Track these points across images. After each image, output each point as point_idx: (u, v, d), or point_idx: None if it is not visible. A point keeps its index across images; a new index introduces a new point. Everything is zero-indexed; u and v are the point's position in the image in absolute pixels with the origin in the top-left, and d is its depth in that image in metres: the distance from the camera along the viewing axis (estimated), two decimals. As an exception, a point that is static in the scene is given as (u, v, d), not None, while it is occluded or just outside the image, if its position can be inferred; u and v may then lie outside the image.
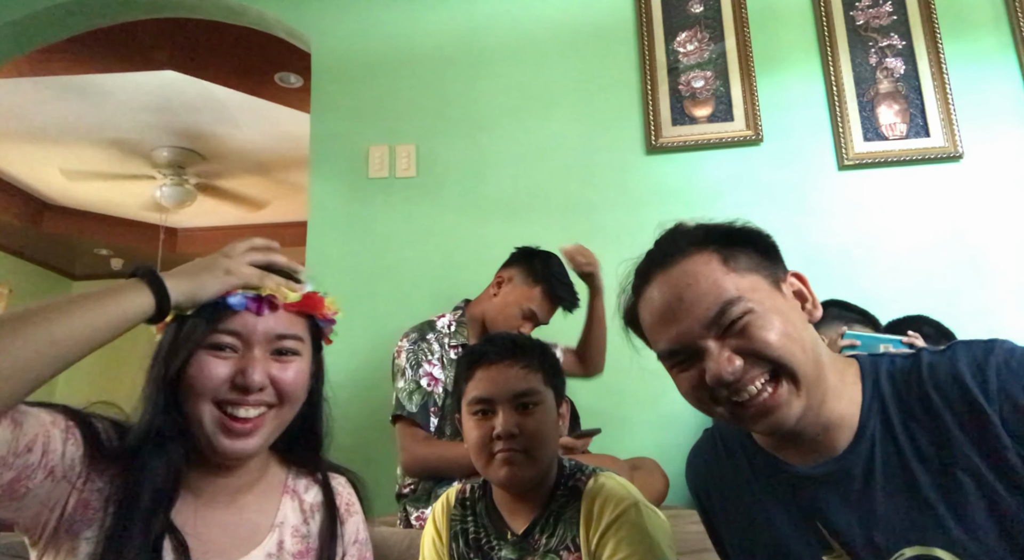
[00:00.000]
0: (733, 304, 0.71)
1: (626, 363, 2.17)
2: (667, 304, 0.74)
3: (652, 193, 2.34)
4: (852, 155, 2.25)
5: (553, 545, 1.02)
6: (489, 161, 2.43)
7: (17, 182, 5.18)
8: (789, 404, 0.70)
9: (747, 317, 0.70)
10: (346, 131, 2.51)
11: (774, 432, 0.74)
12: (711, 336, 0.71)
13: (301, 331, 0.84)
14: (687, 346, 0.73)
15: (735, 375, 0.69)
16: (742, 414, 0.72)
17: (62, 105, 4.12)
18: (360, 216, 2.42)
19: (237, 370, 0.77)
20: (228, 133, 4.54)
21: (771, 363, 0.70)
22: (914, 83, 2.30)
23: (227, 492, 0.82)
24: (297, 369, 0.82)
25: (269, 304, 0.80)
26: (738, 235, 0.78)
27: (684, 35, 2.45)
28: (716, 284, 0.72)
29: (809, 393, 0.70)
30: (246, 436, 0.77)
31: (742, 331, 0.70)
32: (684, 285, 0.74)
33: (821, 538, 0.72)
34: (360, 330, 2.25)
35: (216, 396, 0.76)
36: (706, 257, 0.75)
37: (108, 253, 6.13)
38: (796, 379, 0.70)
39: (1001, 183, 2.19)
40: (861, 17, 2.39)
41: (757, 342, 0.70)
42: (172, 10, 2.76)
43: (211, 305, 0.78)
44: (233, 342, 0.78)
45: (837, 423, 0.72)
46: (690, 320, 0.72)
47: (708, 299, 0.71)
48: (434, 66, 2.53)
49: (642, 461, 1.76)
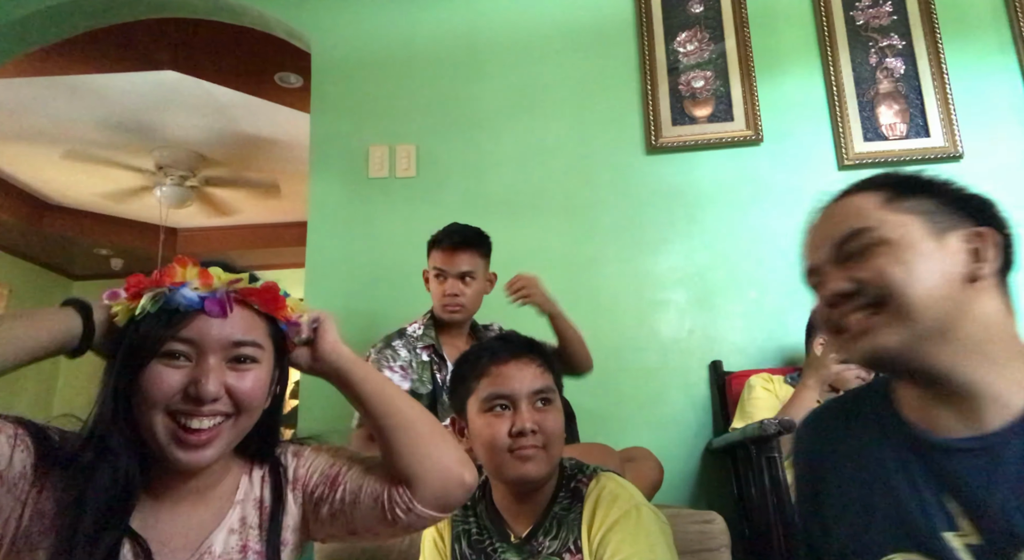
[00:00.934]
0: (863, 233, 0.73)
1: (626, 363, 2.19)
2: (814, 227, 0.80)
3: (652, 193, 2.34)
4: (852, 155, 2.25)
5: (556, 548, 1.03)
6: (489, 161, 2.43)
7: (17, 182, 5.18)
8: (878, 333, 0.70)
9: (874, 247, 0.72)
10: (346, 131, 2.51)
11: (863, 361, 0.74)
12: (834, 262, 0.75)
13: (260, 337, 0.79)
14: (817, 267, 0.77)
15: (840, 292, 0.72)
16: (844, 340, 0.74)
17: (62, 105, 4.12)
18: (360, 216, 2.42)
19: (190, 380, 0.73)
20: (228, 133, 4.54)
21: (880, 292, 0.70)
22: (914, 83, 2.30)
23: (189, 493, 0.79)
24: (255, 377, 0.77)
25: (220, 304, 0.75)
26: (919, 183, 0.77)
27: (684, 35, 2.45)
28: (858, 214, 0.75)
29: (914, 333, 0.69)
30: (201, 448, 0.73)
31: (865, 259, 0.72)
32: (832, 212, 0.78)
33: (948, 514, 0.69)
34: (360, 330, 2.25)
35: (168, 407, 0.72)
36: (871, 195, 0.77)
37: (108, 253, 6.13)
38: (903, 312, 0.69)
39: (1001, 183, 2.19)
40: (861, 17, 2.39)
41: (870, 270, 0.71)
42: (172, 10, 2.76)
43: (164, 310, 0.74)
44: (186, 350, 0.74)
45: (990, 395, 0.70)
46: (822, 242, 0.76)
47: (844, 225, 0.75)
48: (434, 66, 2.53)
49: (635, 451, 1.75)
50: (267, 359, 0.80)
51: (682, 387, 2.17)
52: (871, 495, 0.75)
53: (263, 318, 0.81)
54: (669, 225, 2.31)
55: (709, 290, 2.24)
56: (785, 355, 2.13)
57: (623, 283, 2.28)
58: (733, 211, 2.29)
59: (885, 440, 0.77)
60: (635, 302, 2.26)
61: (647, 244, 2.31)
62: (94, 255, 6.13)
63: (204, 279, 0.76)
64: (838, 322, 0.74)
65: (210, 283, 0.76)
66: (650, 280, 2.27)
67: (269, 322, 0.81)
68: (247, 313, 0.79)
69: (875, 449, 0.77)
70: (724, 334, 2.20)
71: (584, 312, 2.25)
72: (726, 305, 2.22)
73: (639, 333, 2.23)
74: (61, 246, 5.88)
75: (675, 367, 2.19)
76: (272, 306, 0.81)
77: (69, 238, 5.72)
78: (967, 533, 0.68)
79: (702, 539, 1.31)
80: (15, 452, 0.68)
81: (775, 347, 2.15)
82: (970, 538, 0.67)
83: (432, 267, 1.85)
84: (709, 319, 2.22)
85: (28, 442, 0.69)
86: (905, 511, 0.72)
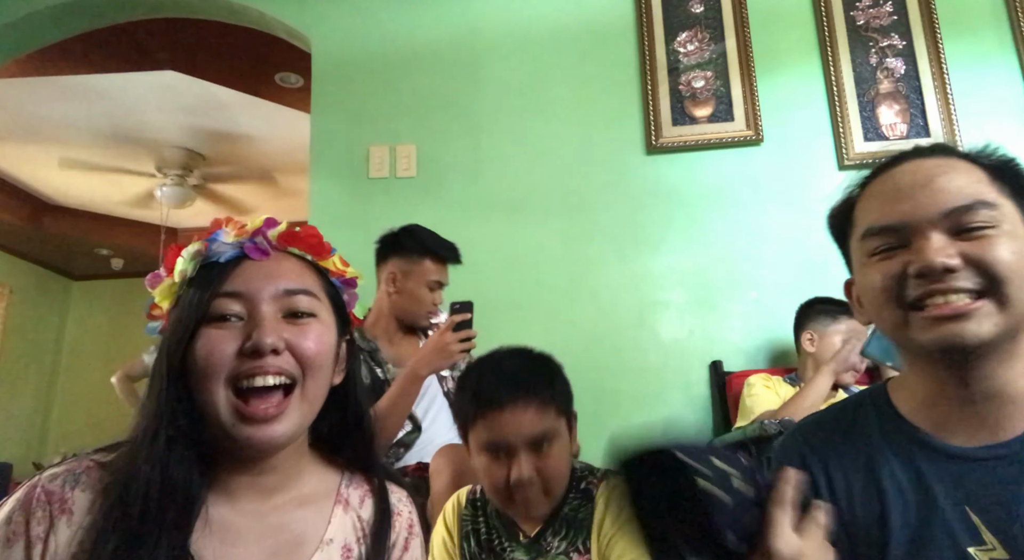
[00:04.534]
0: (987, 208, 0.66)
1: (626, 363, 2.19)
2: (912, 182, 0.69)
3: (652, 193, 2.34)
4: (852, 155, 2.25)
5: (564, 547, 1.04)
6: (489, 161, 2.43)
7: (17, 182, 5.18)
8: (981, 321, 0.64)
9: (993, 229, 0.65)
10: (346, 131, 2.50)
11: (947, 347, 0.66)
12: (942, 228, 0.66)
13: (313, 286, 0.71)
14: (910, 227, 0.67)
15: (949, 267, 0.64)
16: (921, 319, 0.66)
17: (62, 105, 4.12)
18: (360, 216, 2.42)
19: (245, 337, 0.65)
20: (228, 133, 4.54)
21: (990, 280, 0.64)
22: (914, 83, 2.30)
23: (260, 494, 0.69)
24: (317, 333, 0.69)
25: (259, 247, 0.69)
26: (1007, 167, 0.72)
27: (684, 35, 2.44)
28: (976, 184, 0.68)
29: (1008, 330, 0.65)
30: (269, 422, 0.64)
31: (980, 238, 0.65)
32: (941, 172, 0.68)
33: (972, 528, 0.65)
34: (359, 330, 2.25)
35: (229, 373, 0.64)
36: (972, 167, 0.70)
37: (108, 253, 6.13)
38: (1006, 306, 0.64)
39: (1001, 183, 2.19)
40: (861, 17, 2.39)
41: (990, 254, 0.64)
42: (172, 10, 2.76)
43: (204, 269, 0.68)
44: (236, 308, 0.66)
45: (1020, 400, 0.67)
46: (932, 202, 0.67)
47: (963, 192, 0.66)
48: (434, 66, 2.53)
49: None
50: (327, 316, 0.72)
51: (682, 387, 2.17)
52: (886, 510, 0.69)
53: (314, 271, 0.74)
54: (669, 225, 2.31)
55: (709, 290, 2.24)
56: (785, 355, 2.12)
57: (623, 283, 2.28)
58: (733, 211, 2.28)
59: (894, 451, 0.72)
60: (635, 302, 2.26)
61: (647, 244, 2.31)
62: (94, 255, 6.12)
63: (238, 228, 0.71)
64: (919, 296, 0.66)
65: (245, 229, 0.71)
66: (650, 280, 2.27)
67: (322, 277, 0.75)
68: (295, 263, 0.73)
69: (883, 461, 0.72)
70: (724, 334, 2.20)
71: (584, 312, 2.25)
72: (726, 305, 2.22)
73: (639, 333, 2.22)
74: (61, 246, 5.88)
75: (675, 367, 2.19)
76: (317, 250, 0.74)
77: (69, 238, 5.71)
78: (993, 547, 0.64)
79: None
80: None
81: (775, 347, 2.15)
82: (996, 552, 0.64)
83: (429, 278, 1.83)
84: (709, 319, 2.22)
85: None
86: (925, 526, 0.67)
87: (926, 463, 0.69)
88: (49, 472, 0.63)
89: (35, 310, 5.95)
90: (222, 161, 4.95)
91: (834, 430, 0.77)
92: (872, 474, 0.72)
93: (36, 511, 0.60)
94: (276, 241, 0.72)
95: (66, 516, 0.60)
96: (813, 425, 0.81)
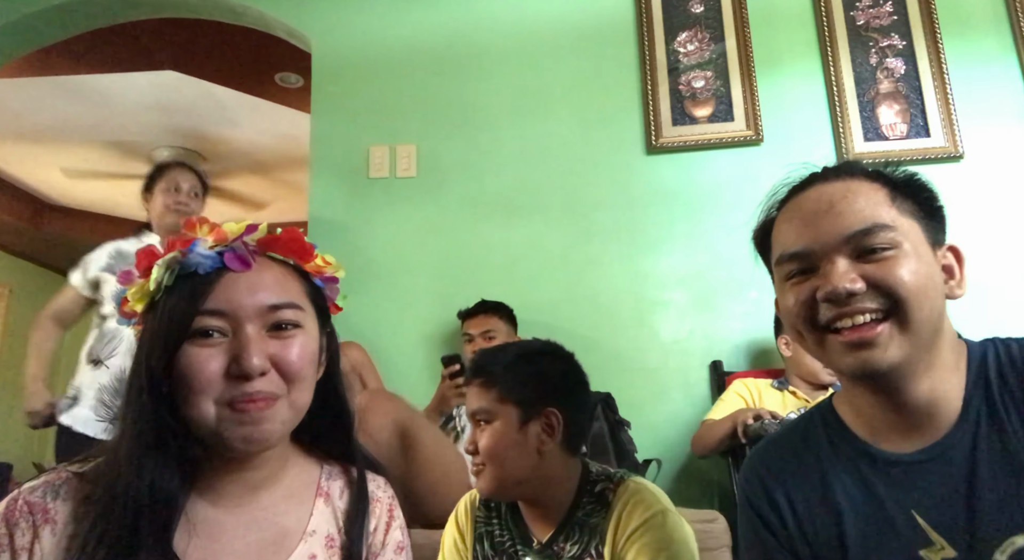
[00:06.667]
0: (885, 230, 0.68)
1: (626, 363, 2.19)
2: (816, 208, 0.72)
3: (652, 193, 2.34)
4: (853, 155, 2.25)
5: (577, 552, 1.02)
6: (489, 161, 2.43)
7: (17, 182, 5.18)
8: (887, 346, 0.67)
9: (893, 251, 0.68)
10: (346, 131, 2.51)
11: (861, 373, 0.69)
12: (845, 253, 0.69)
13: (298, 297, 0.70)
14: (815, 253, 0.70)
15: (852, 291, 0.67)
16: (836, 344, 0.69)
17: (62, 105, 4.12)
18: (360, 216, 2.42)
19: (231, 358, 0.64)
20: (228, 133, 4.53)
21: (893, 301, 0.67)
22: (914, 83, 2.30)
23: (245, 490, 0.70)
24: (301, 345, 0.69)
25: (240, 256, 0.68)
26: (910, 184, 0.74)
27: (684, 35, 2.45)
28: (875, 206, 0.70)
29: (913, 349, 0.67)
30: (259, 423, 0.65)
31: (881, 261, 0.68)
32: (841, 196, 0.71)
33: (920, 531, 0.68)
34: (360, 331, 2.25)
35: (218, 396, 0.64)
36: (875, 186, 0.72)
37: (108, 253, 6.14)
38: (907, 327, 0.67)
39: (1001, 183, 2.19)
40: (861, 17, 2.39)
41: (892, 277, 0.67)
42: (172, 10, 2.76)
43: (182, 280, 0.66)
44: (219, 324, 0.65)
45: (943, 402, 0.69)
46: (833, 228, 0.70)
47: (861, 215, 0.69)
48: (434, 66, 2.53)
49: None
50: (310, 323, 0.72)
51: (682, 387, 2.17)
52: (842, 524, 0.73)
53: (297, 276, 0.73)
54: (669, 225, 2.31)
55: (709, 290, 2.24)
56: (785, 355, 2.13)
57: (623, 283, 2.28)
58: (733, 211, 2.28)
59: (843, 465, 0.75)
60: (635, 302, 2.26)
61: (647, 244, 2.30)
62: (94, 255, 6.12)
63: (216, 234, 0.69)
64: (829, 320, 0.69)
65: (224, 236, 0.69)
66: (650, 280, 2.27)
67: (304, 280, 0.74)
68: (277, 272, 0.71)
69: (835, 476, 0.75)
70: (724, 334, 2.20)
71: (584, 312, 2.25)
72: (726, 305, 2.22)
73: (639, 333, 2.22)
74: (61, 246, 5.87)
75: (675, 367, 2.19)
76: (299, 254, 0.73)
77: (69, 238, 5.71)
78: (942, 547, 0.67)
79: (703, 539, 1.30)
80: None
81: (775, 347, 2.15)
82: (946, 551, 0.67)
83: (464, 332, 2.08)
84: (709, 319, 2.22)
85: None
86: (878, 535, 0.70)
87: (872, 472, 0.72)
88: (28, 485, 0.64)
89: (35, 310, 5.90)
90: (222, 161, 4.95)
91: (789, 450, 0.80)
92: (827, 490, 0.74)
93: (19, 523, 0.61)
94: (256, 246, 0.70)
95: (50, 525, 0.62)
96: (770, 446, 0.84)
